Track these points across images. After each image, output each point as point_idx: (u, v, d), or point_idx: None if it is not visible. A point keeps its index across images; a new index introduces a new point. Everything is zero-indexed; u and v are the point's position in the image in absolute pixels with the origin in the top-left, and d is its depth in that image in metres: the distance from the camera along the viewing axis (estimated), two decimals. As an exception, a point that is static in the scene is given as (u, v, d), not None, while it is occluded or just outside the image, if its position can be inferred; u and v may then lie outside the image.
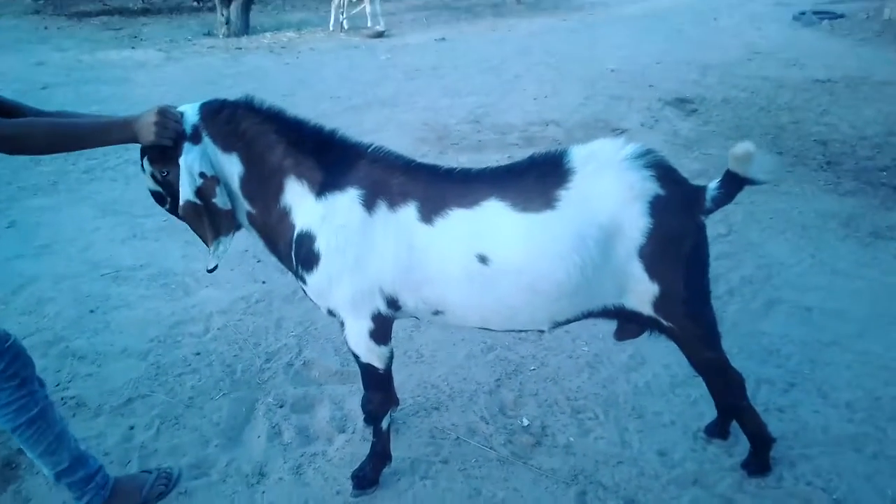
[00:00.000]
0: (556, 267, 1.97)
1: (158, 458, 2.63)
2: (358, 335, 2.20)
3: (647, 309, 2.09)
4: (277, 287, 3.74)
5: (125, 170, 5.62)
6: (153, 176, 2.12)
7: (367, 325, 2.18)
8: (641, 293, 2.06)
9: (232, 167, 2.10)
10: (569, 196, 1.97)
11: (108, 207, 4.85)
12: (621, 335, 2.42)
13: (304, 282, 2.18)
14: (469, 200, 2.03)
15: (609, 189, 1.97)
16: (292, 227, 2.13)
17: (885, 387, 2.89)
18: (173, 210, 2.16)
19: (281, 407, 2.88)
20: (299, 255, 2.13)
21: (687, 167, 5.31)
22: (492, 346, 3.23)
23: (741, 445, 2.59)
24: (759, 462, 2.46)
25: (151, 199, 2.22)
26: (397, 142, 6.00)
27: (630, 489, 2.43)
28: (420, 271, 2.07)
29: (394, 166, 2.12)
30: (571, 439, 2.66)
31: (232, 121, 2.08)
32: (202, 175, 2.02)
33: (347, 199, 2.07)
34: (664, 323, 2.12)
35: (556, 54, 9.62)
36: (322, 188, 2.08)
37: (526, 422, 2.75)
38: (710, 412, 2.70)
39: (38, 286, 3.83)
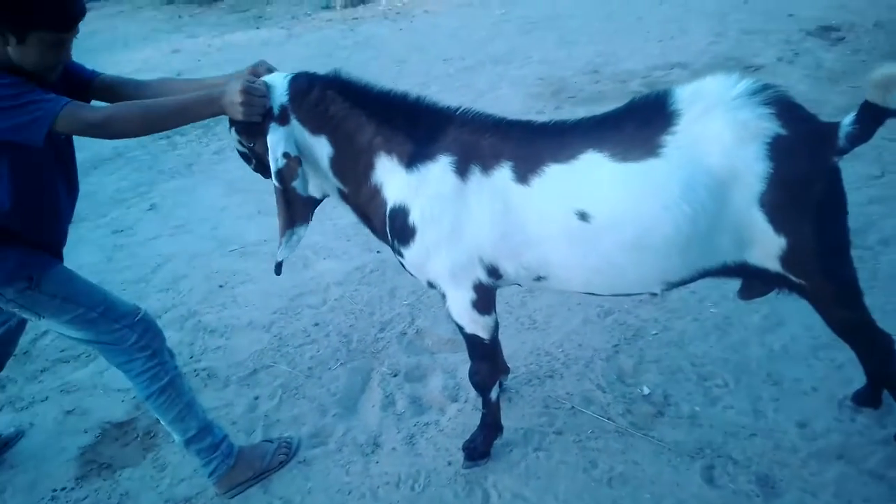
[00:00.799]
0: (663, 219, 1.79)
1: (281, 427, 2.73)
2: (461, 306, 2.14)
3: (774, 265, 1.86)
4: (391, 256, 3.72)
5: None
6: (239, 142, 2.15)
7: (469, 295, 2.11)
8: (766, 247, 1.83)
9: (321, 149, 2.08)
10: (674, 141, 1.78)
11: (236, 185, 5.07)
12: (747, 294, 2.19)
13: (401, 256, 2.14)
14: (565, 155, 1.89)
15: (720, 130, 1.75)
16: (384, 202, 2.08)
17: None
18: (258, 170, 2.22)
19: (395, 376, 2.90)
20: (394, 229, 2.08)
21: (832, 102, 4.77)
22: (609, 310, 3.06)
23: (893, 415, 2.30)
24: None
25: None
26: (511, 100, 5.82)
27: (764, 464, 2.22)
28: (518, 235, 1.96)
29: (484, 127, 2.01)
30: (697, 409, 2.47)
31: (321, 103, 2.04)
32: (285, 155, 2.00)
33: (439, 168, 1.99)
34: (794, 280, 1.88)
35: (683, -10, 8.94)
36: (412, 160, 2.02)
37: (646, 390, 2.59)
38: (858, 378, 2.41)
39: (174, 264, 4.08)
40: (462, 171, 1.97)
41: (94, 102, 2.13)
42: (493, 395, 2.34)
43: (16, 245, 2.05)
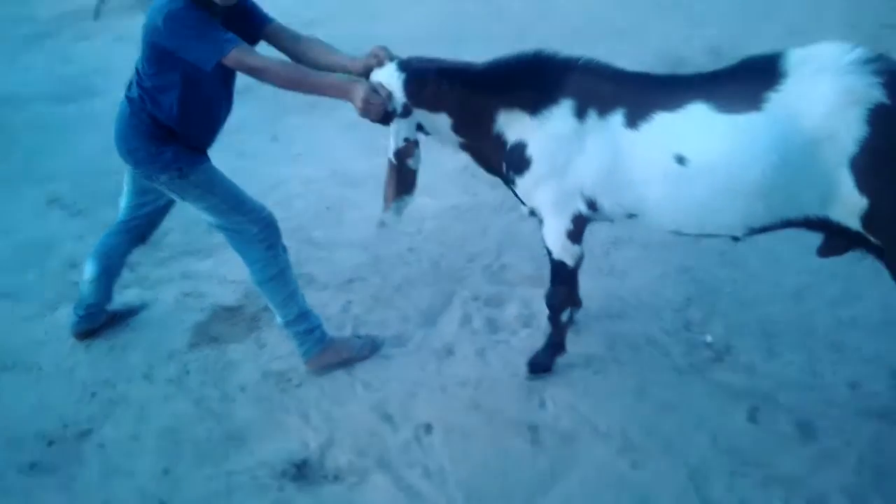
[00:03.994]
0: (751, 168, 1.94)
1: (368, 328, 3.04)
2: (556, 233, 2.37)
3: (854, 223, 1.96)
4: (487, 199, 3.99)
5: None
6: None
7: (567, 225, 2.34)
8: (849, 206, 1.93)
9: (443, 121, 2.38)
10: (778, 98, 1.92)
11: (352, 126, 5.39)
12: (825, 252, 2.28)
13: (514, 183, 2.38)
14: (674, 104, 2.07)
15: (825, 92, 1.87)
16: (506, 143, 2.34)
17: None
18: None
19: (475, 300, 3.15)
20: (511, 161, 2.33)
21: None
22: (689, 267, 3.19)
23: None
24: None
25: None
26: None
27: (807, 413, 2.34)
28: (621, 174, 2.17)
29: (604, 76, 2.22)
30: (755, 361, 2.60)
31: (434, 92, 2.32)
32: (406, 140, 2.36)
33: (561, 110, 2.21)
34: (872, 240, 1.98)
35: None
36: (536, 105, 2.24)
37: (710, 339, 2.73)
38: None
39: (289, 186, 4.48)
40: (581, 113, 2.18)
41: (262, 46, 2.51)
42: (564, 317, 2.57)
43: (174, 143, 2.50)
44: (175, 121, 2.46)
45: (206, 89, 2.48)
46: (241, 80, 2.56)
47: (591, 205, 2.27)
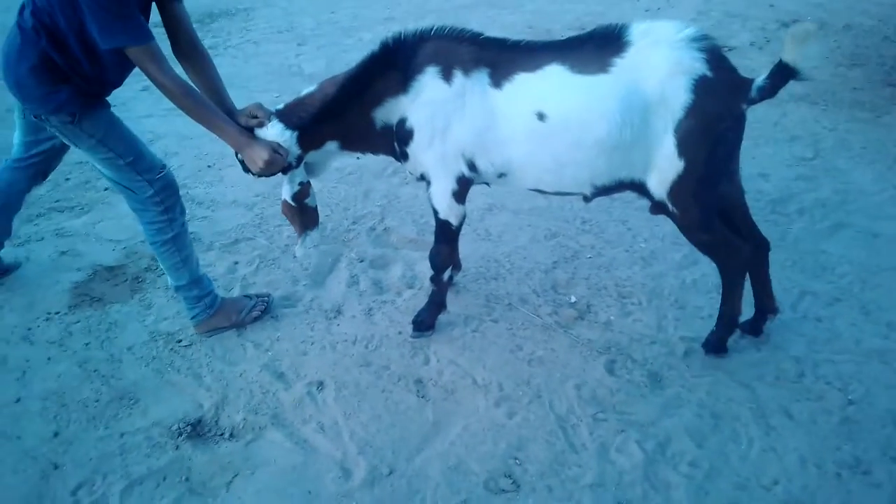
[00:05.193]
0: (599, 123, 2.22)
1: (255, 288, 3.12)
2: (443, 194, 2.56)
3: (661, 192, 2.31)
4: (370, 163, 4.11)
5: (244, 49, 6.06)
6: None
7: (452, 186, 2.53)
8: (665, 170, 2.26)
9: (332, 147, 2.58)
10: (622, 63, 2.20)
11: (230, 81, 5.21)
12: (654, 210, 2.63)
13: (405, 156, 2.52)
14: (533, 65, 2.30)
15: (659, 61, 2.17)
16: (392, 126, 2.49)
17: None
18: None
19: (361, 262, 3.30)
20: (399, 136, 2.48)
21: (788, 89, 5.19)
22: (555, 233, 3.50)
23: (770, 344, 2.80)
24: (717, 342, 2.71)
25: (269, 76, 2.60)
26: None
27: (657, 365, 2.71)
28: (491, 133, 2.37)
29: (462, 38, 2.40)
30: (612, 318, 2.94)
31: (320, 132, 2.51)
32: (300, 183, 2.57)
33: (428, 77, 2.37)
34: (669, 207, 2.34)
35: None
36: (405, 83, 2.39)
37: (573, 299, 3.05)
38: (749, 311, 2.91)
39: (165, 142, 4.38)
40: (447, 76, 2.35)
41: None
42: (445, 276, 2.80)
43: (70, 84, 2.34)
44: (73, 61, 2.29)
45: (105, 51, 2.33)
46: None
47: (472, 166, 2.47)
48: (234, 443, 2.40)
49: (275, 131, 2.44)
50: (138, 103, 4.92)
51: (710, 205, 2.37)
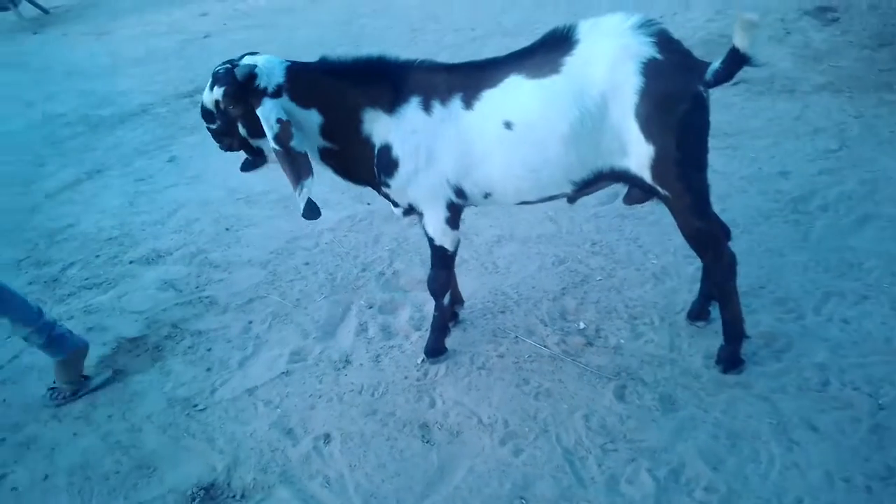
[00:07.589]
0: (559, 121, 2.24)
1: (269, 346, 3.17)
2: (436, 222, 2.59)
3: (645, 174, 2.28)
4: (380, 208, 4.15)
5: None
6: (215, 118, 2.45)
7: (444, 213, 2.56)
8: (640, 155, 2.25)
9: (312, 119, 2.46)
10: (572, 61, 2.23)
11: (248, 141, 5.48)
12: (629, 200, 2.61)
13: (387, 186, 2.55)
14: (495, 80, 2.34)
15: (607, 51, 2.19)
16: (373, 146, 2.50)
17: (967, 301, 2.79)
18: (230, 146, 2.59)
19: (370, 308, 3.32)
20: (381, 164, 2.50)
21: (810, 80, 5.04)
22: (564, 259, 3.44)
23: (792, 352, 2.67)
24: (729, 356, 2.62)
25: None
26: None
27: (669, 387, 2.61)
28: (470, 155, 2.41)
29: (438, 70, 2.45)
30: (622, 342, 2.86)
31: (310, 83, 2.44)
32: (279, 121, 2.33)
33: (411, 107, 2.42)
34: (660, 190, 2.30)
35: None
36: (392, 105, 2.44)
37: (582, 325, 2.98)
38: (766, 319, 2.79)
39: (187, 209, 4.53)
40: (427, 106, 2.41)
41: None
42: (446, 300, 2.83)
43: None
44: None
45: None
46: (137, 101, 2.60)
47: (459, 192, 2.49)
48: (244, 504, 2.43)
49: (270, 58, 2.43)
50: (163, 175, 5.13)
51: (701, 189, 2.34)
